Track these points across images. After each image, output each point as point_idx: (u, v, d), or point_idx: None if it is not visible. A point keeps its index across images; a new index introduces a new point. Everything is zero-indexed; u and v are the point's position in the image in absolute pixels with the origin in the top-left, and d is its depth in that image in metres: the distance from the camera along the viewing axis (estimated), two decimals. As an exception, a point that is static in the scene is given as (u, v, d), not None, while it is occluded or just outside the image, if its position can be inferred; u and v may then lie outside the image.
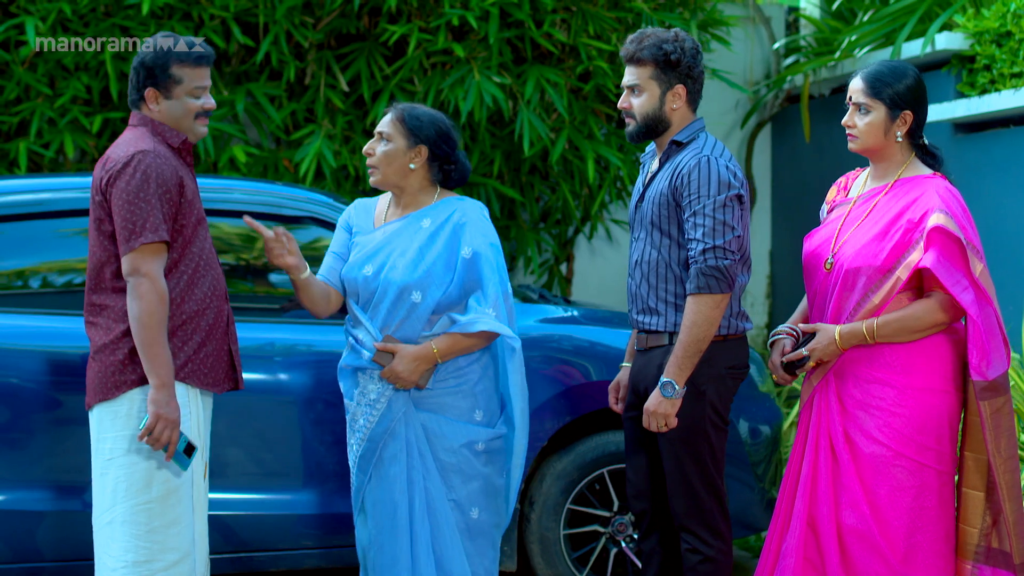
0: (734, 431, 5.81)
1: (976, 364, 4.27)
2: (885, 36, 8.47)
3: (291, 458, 5.48)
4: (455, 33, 7.82)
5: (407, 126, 4.70)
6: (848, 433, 4.40)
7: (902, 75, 4.43)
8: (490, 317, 4.61)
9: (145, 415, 4.26)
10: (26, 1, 7.39)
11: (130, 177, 4.26)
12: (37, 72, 7.46)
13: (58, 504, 5.22)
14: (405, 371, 4.62)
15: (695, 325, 4.47)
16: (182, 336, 4.36)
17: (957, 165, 7.69)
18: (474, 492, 4.73)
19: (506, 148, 8.00)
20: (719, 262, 4.45)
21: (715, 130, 9.86)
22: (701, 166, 4.50)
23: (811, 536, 4.45)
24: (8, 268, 5.51)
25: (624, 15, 7.89)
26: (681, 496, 4.63)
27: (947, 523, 4.39)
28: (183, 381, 4.35)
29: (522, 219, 8.41)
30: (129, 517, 4.33)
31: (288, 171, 7.78)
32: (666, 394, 4.51)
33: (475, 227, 4.68)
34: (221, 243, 5.68)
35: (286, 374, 5.50)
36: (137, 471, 4.33)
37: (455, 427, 4.70)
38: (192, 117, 4.43)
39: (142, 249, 4.24)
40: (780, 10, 10.35)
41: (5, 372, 5.21)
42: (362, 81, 7.71)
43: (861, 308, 4.36)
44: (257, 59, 7.56)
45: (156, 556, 4.33)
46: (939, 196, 4.32)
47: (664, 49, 4.57)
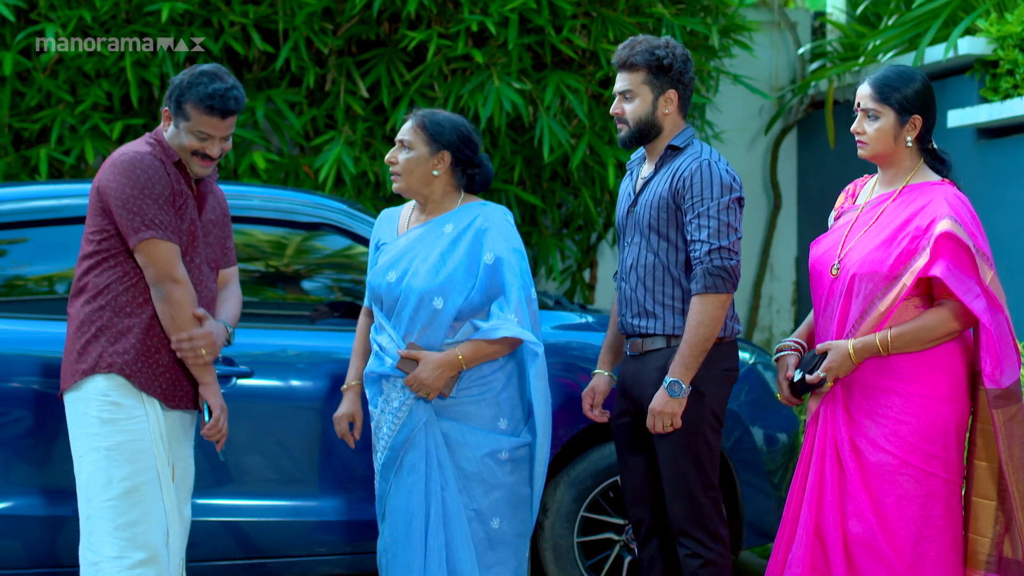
0: (749, 438, 5.79)
1: (990, 372, 4.22)
2: (909, 41, 8.41)
3: (319, 465, 5.47)
4: (475, 39, 7.81)
5: (428, 132, 4.69)
6: (854, 441, 4.36)
7: (910, 79, 4.39)
8: (512, 323, 4.59)
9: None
10: (47, 8, 7.42)
11: (129, 172, 4.35)
12: (58, 79, 7.50)
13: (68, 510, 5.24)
14: (429, 378, 4.60)
15: (701, 324, 4.49)
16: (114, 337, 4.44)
17: (980, 170, 7.63)
18: (497, 502, 4.70)
19: (527, 154, 7.99)
20: (725, 262, 4.50)
21: (739, 136, 9.82)
22: (703, 169, 4.55)
23: (818, 545, 4.40)
24: (37, 274, 5.54)
25: (645, 20, 7.87)
26: (680, 500, 4.62)
27: (954, 532, 4.33)
28: (122, 375, 4.42)
29: (544, 225, 8.39)
30: (99, 513, 4.41)
31: (308, 177, 7.79)
32: (673, 393, 4.51)
33: (498, 232, 4.66)
34: (252, 250, 5.70)
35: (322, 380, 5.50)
36: (98, 469, 4.41)
37: (478, 436, 4.68)
38: (187, 152, 4.46)
39: (154, 245, 4.34)
40: (806, 15, 10.30)
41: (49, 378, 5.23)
42: (382, 87, 7.71)
43: (868, 315, 4.31)
44: (276, 65, 7.58)
45: (126, 553, 4.38)
46: (947, 203, 4.27)
47: (656, 55, 4.61)
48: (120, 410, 4.40)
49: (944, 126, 7.76)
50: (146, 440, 4.41)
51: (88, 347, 4.41)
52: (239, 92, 4.45)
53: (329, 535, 5.48)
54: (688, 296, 4.60)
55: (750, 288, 9.93)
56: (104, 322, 4.41)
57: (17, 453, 5.21)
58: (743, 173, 9.94)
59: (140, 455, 4.39)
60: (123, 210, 4.36)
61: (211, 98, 4.38)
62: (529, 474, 4.78)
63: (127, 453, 4.38)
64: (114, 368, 4.39)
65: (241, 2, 7.54)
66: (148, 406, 4.43)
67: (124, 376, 4.40)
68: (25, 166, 7.58)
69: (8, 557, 5.22)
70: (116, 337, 4.40)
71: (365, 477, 5.33)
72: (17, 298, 5.46)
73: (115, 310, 4.42)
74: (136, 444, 4.40)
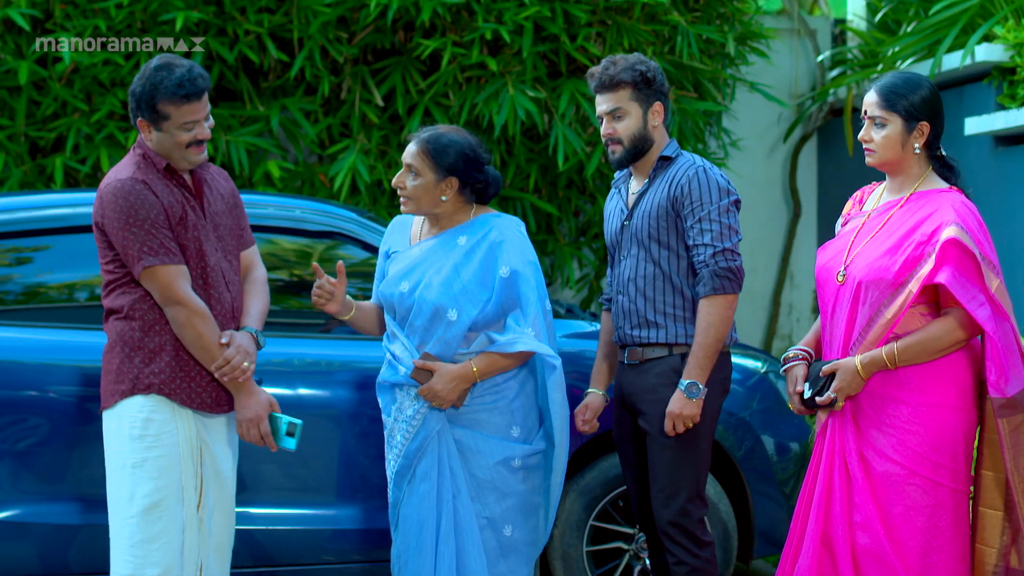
0: (761, 447, 5.76)
1: (995, 381, 4.18)
2: (927, 48, 8.36)
3: (341, 473, 5.48)
4: (490, 47, 7.80)
5: (433, 159, 4.66)
6: (862, 451, 4.33)
7: (916, 86, 4.36)
8: (529, 336, 4.59)
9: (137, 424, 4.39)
10: (63, 17, 7.45)
11: (112, 205, 4.34)
12: (74, 88, 7.52)
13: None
14: (444, 390, 4.60)
15: (712, 326, 4.56)
16: (146, 356, 4.43)
17: (997, 178, 7.58)
18: (509, 509, 4.71)
19: (542, 162, 7.97)
20: (730, 263, 4.59)
21: (759, 144, 9.80)
22: (699, 175, 4.63)
23: (826, 556, 4.37)
24: (60, 281, 5.57)
25: (660, 28, 7.84)
26: (667, 506, 4.65)
27: (962, 543, 4.30)
28: (160, 394, 4.43)
29: (560, 233, 8.37)
30: (119, 530, 4.43)
31: (324, 186, 7.79)
32: (691, 395, 4.56)
33: (512, 245, 4.66)
34: (275, 259, 5.71)
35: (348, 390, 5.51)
36: (123, 485, 4.42)
37: (491, 443, 4.68)
38: (183, 148, 4.40)
39: (152, 273, 4.34)
40: (826, 23, 10.26)
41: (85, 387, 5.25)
42: (397, 96, 7.71)
43: (875, 323, 4.28)
44: (291, 74, 7.59)
45: (138, 571, 4.38)
46: (954, 210, 4.24)
47: (639, 69, 4.68)
48: (151, 426, 4.39)
49: (961, 133, 7.71)
50: (173, 456, 4.41)
51: (123, 367, 4.41)
52: (199, 69, 4.38)
53: (343, 544, 5.48)
54: (689, 304, 4.65)
55: (769, 296, 9.88)
56: (136, 341, 4.41)
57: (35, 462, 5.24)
58: (762, 181, 9.91)
59: (165, 471, 4.40)
60: (119, 243, 4.36)
61: (180, 87, 4.31)
62: (541, 482, 4.78)
63: (151, 470, 4.38)
64: (152, 389, 4.40)
65: (256, 11, 7.56)
66: (180, 419, 4.43)
67: (163, 395, 4.41)
68: (41, 175, 7.61)
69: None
70: (150, 357, 4.41)
71: (380, 487, 5.34)
72: (41, 305, 5.50)
73: (144, 328, 4.42)
74: (162, 460, 4.40)
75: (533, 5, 7.46)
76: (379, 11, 7.48)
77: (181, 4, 7.37)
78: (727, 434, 5.70)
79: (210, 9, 7.46)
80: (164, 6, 7.40)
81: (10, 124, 7.49)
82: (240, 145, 7.53)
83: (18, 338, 5.31)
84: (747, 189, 9.61)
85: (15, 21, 7.31)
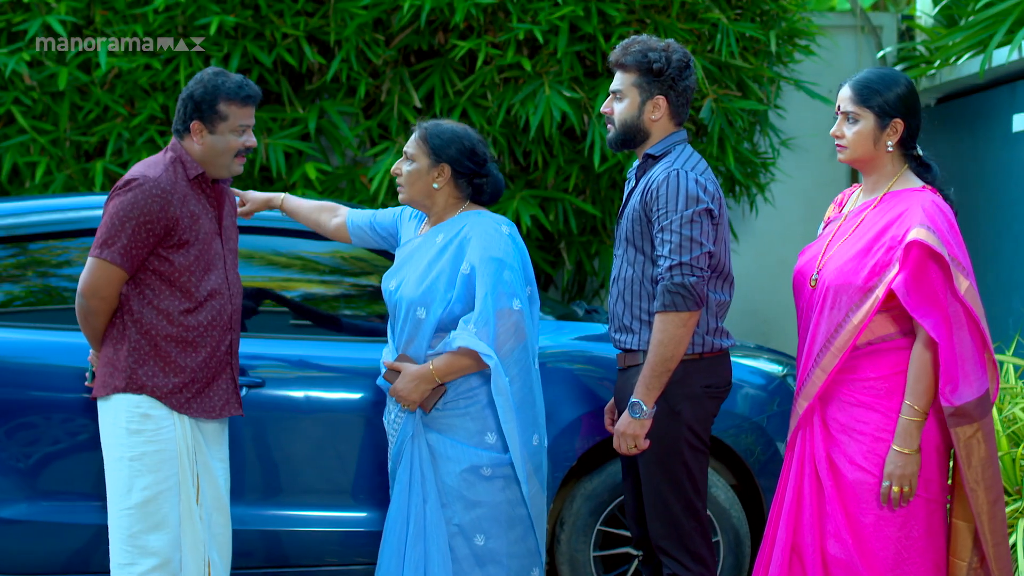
0: (776, 453, 5.63)
1: (941, 388, 4.04)
2: (981, 43, 8.16)
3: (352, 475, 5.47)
4: (529, 48, 7.75)
5: (429, 145, 4.66)
6: (832, 458, 4.20)
7: (892, 83, 4.24)
8: (470, 333, 4.48)
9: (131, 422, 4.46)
10: (103, 23, 7.55)
11: (124, 188, 4.43)
12: (115, 93, 7.61)
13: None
14: (404, 390, 4.57)
15: (661, 344, 4.34)
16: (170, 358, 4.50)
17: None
18: (480, 519, 4.61)
19: (583, 163, 7.90)
20: (685, 279, 4.32)
21: (821, 143, 9.60)
22: (670, 180, 4.38)
23: (797, 564, 4.26)
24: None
25: (700, 26, 7.72)
26: (658, 519, 4.51)
27: (935, 555, 4.15)
28: (153, 396, 4.49)
29: (604, 235, 8.29)
30: (117, 521, 4.50)
31: (365, 188, 7.80)
32: (634, 415, 4.39)
33: (479, 241, 4.57)
34: (300, 263, 5.73)
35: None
36: (120, 478, 4.48)
37: (460, 450, 4.60)
38: (232, 154, 4.53)
39: (100, 265, 4.41)
40: (892, 19, 10.05)
41: None
42: (435, 97, 7.69)
43: (843, 328, 4.15)
44: (327, 77, 7.60)
45: (136, 560, 4.46)
46: (923, 210, 4.10)
47: (649, 57, 4.47)
48: (149, 421, 4.47)
49: (1010, 130, 7.51)
50: (171, 450, 4.48)
51: (118, 361, 4.48)
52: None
53: (357, 545, 5.47)
54: None
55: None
56: (132, 341, 4.48)
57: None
58: (825, 181, 9.73)
59: (163, 464, 4.47)
60: (104, 219, 4.46)
61: (241, 88, 4.51)
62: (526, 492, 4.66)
63: (150, 463, 4.46)
64: (144, 390, 4.48)
65: (293, 14, 7.58)
66: (177, 417, 4.50)
67: (155, 398, 4.48)
68: (86, 178, 7.71)
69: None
70: (143, 359, 4.47)
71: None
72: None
73: (139, 328, 4.48)
74: (160, 454, 4.47)
75: (567, 4, 7.39)
76: (413, 12, 7.46)
77: (217, 8, 7.42)
78: (741, 439, 5.58)
79: (247, 13, 7.51)
80: (202, 10, 7.45)
81: (53, 129, 7.60)
82: (279, 148, 7.57)
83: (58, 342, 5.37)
84: (810, 188, 9.44)
85: (53, 28, 7.42)
